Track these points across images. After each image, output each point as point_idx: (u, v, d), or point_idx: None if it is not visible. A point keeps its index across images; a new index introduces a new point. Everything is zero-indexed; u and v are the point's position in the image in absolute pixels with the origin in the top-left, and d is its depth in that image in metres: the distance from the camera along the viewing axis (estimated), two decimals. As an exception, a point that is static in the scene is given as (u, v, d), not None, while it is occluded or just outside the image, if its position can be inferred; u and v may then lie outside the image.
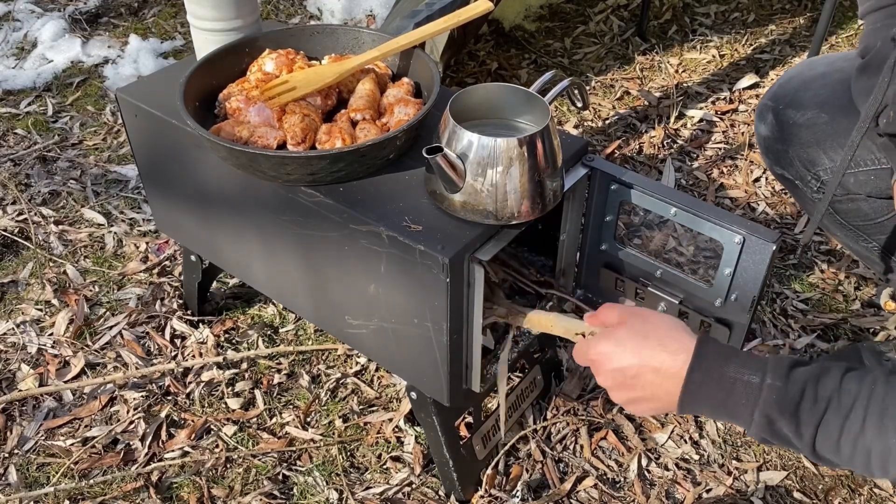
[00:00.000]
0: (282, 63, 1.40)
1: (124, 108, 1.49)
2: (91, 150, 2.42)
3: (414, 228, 1.15)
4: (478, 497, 1.50)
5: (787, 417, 0.92)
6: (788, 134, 1.44)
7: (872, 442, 0.89)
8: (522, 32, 2.97)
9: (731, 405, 0.94)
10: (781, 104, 1.46)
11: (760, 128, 1.52)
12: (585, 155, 1.30)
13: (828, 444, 0.91)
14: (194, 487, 1.53)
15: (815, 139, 1.40)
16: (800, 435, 0.92)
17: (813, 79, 1.47)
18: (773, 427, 0.93)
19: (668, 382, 0.97)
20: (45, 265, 2.01)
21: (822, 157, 1.39)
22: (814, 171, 1.41)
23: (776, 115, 1.47)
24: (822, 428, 0.91)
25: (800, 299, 1.89)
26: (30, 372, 1.74)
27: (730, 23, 3.05)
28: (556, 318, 1.22)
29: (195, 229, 1.58)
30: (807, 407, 0.91)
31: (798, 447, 0.94)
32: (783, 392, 0.92)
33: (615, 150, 2.39)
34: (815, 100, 1.42)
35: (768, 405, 0.92)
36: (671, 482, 1.54)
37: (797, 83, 1.48)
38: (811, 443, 0.92)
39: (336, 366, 1.76)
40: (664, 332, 0.99)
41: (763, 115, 1.51)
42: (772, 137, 1.48)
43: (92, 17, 3.11)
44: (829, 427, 0.90)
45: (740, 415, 0.94)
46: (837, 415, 0.90)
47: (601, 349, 1.02)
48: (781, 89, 1.50)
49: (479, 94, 1.20)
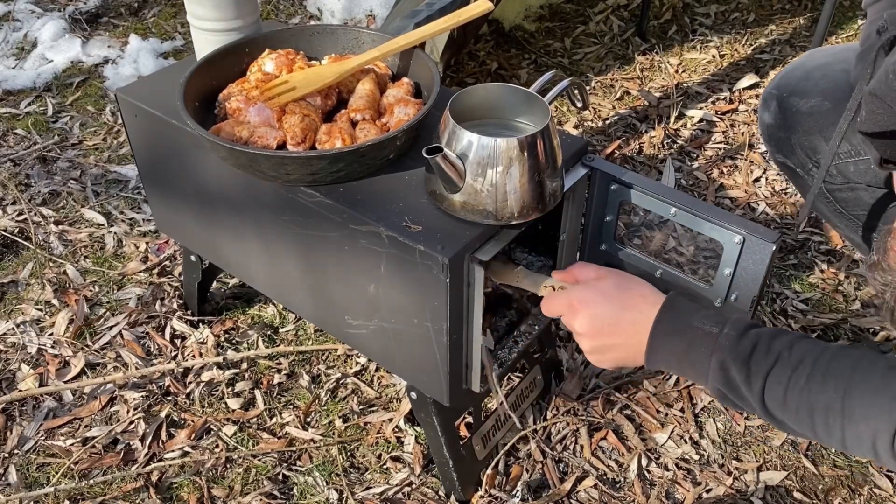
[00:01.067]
0: (282, 63, 1.40)
1: (124, 108, 1.49)
2: (91, 150, 2.42)
3: (414, 228, 1.15)
4: (478, 497, 1.50)
5: (739, 365, 0.96)
6: (791, 122, 1.44)
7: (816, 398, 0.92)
8: (522, 32, 2.97)
9: (692, 354, 0.99)
10: (785, 92, 1.47)
11: (764, 115, 1.52)
12: (585, 155, 1.30)
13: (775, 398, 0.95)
14: (194, 487, 1.53)
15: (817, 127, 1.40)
16: (749, 385, 0.96)
17: (817, 68, 1.47)
18: (726, 375, 0.97)
19: (642, 333, 1.03)
20: (45, 265, 2.01)
21: (824, 145, 1.39)
22: (815, 159, 1.41)
23: (780, 102, 1.47)
24: (770, 379, 0.94)
25: (800, 299, 1.89)
26: (30, 372, 1.74)
27: (730, 23, 3.05)
28: (524, 272, 1.24)
29: (195, 229, 1.58)
30: (758, 358, 0.96)
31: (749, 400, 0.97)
32: (737, 342, 0.97)
33: (615, 150, 2.39)
34: (819, 88, 1.42)
35: (723, 352, 0.97)
36: (671, 482, 1.54)
37: (801, 72, 1.48)
38: (760, 395, 0.95)
39: (336, 366, 1.76)
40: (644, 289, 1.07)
41: (767, 103, 1.51)
42: (775, 125, 1.48)
43: (92, 17, 3.11)
44: (777, 379, 0.94)
45: (699, 364, 0.99)
46: (785, 367, 0.94)
47: (584, 296, 1.08)
48: (785, 78, 1.50)
49: (479, 94, 1.20)
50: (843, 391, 0.91)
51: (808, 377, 0.93)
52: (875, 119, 1.06)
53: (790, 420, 0.96)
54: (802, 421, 0.94)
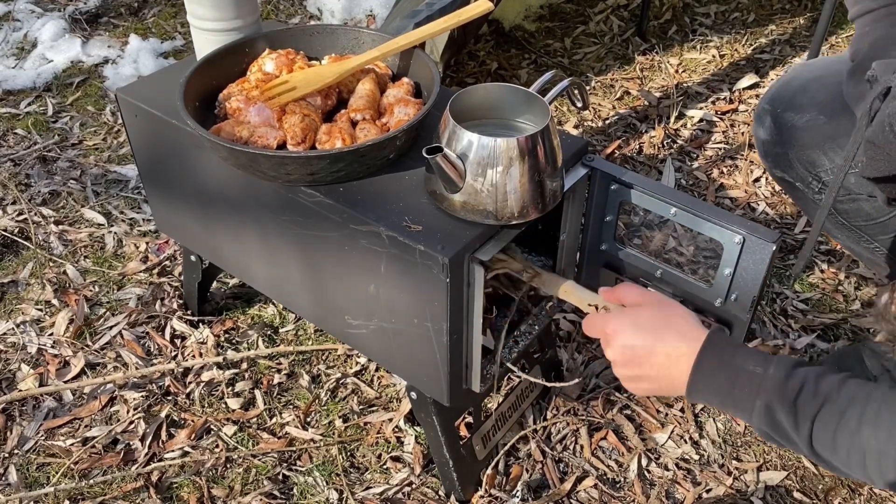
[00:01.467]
0: (282, 63, 1.40)
1: (124, 108, 1.49)
2: (91, 150, 2.42)
3: (414, 228, 1.15)
4: (478, 497, 1.50)
5: (787, 408, 0.94)
6: (788, 137, 1.44)
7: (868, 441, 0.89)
8: (522, 32, 2.97)
9: (736, 393, 0.97)
10: (779, 107, 1.46)
11: (759, 131, 1.52)
12: (585, 155, 1.30)
13: (824, 440, 0.92)
14: (194, 487, 1.53)
15: (814, 141, 1.40)
16: (797, 427, 0.93)
17: (810, 81, 1.47)
18: (772, 417, 0.95)
19: (677, 367, 1.01)
20: (45, 265, 2.01)
21: (823, 158, 1.39)
22: (814, 173, 1.41)
23: (774, 118, 1.47)
24: (818, 422, 0.92)
25: (800, 299, 1.89)
26: (30, 372, 1.74)
27: (730, 23, 3.05)
28: (573, 286, 1.22)
29: (195, 229, 1.58)
30: (805, 399, 0.93)
31: (797, 443, 0.95)
32: (784, 383, 0.94)
33: (615, 150, 2.39)
34: (813, 102, 1.42)
35: (769, 394, 0.94)
36: (671, 482, 1.54)
37: (794, 86, 1.48)
38: (808, 437, 0.93)
39: (336, 366, 1.76)
40: (682, 321, 1.03)
41: (761, 119, 1.51)
42: (770, 141, 1.48)
43: (92, 17, 3.11)
44: (826, 422, 0.92)
45: (743, 404, 0.97)
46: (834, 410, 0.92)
47: (618, 325, 1.05)
48: (778, 93, 1.50)
49: (479, 94, 1.20)
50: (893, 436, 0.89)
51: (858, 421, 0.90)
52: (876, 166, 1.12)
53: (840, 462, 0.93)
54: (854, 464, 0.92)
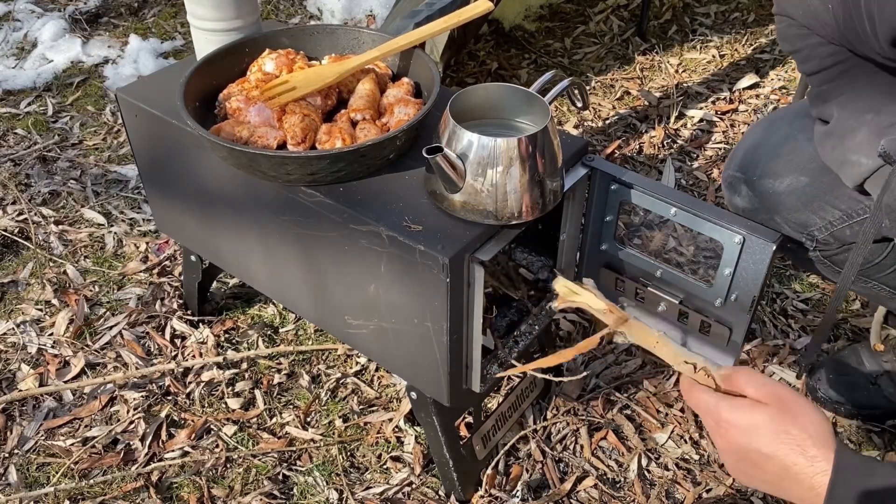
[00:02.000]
0: (282, 63, 1.40)
1: (124, 108, 1.49)
2: (91, 150, 2.42)
3: (414, 228, 1.15)
4: (478, 497, 1.50)
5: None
6: (772, 203, 1.41)
7: None
8: (522, 32, 2.97)
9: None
10: (754, 175, 1.43)
11: (735, 200, 1.47)
12: (585, 155, 1.30)
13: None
14: (194, 487, 1.53)
15: (801, 203, 1.37)
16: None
17: (778, 144, 1.43)
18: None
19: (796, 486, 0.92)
20: (45, 265, 2.01)
21: (813, 217, 1.37)
22: (807, 232, 1.39)
23: (751, 186, 1.43)
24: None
25: (800, 299, 1.89)
26: (30, 372, 1.74)
27: (730, 23, 3.05)
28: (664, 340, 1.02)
29: (195, 229, 1.58)
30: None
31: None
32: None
33: (615, 150, 2.39)
34: (790, 165, 1.39)
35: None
36: (671, 482, 1.54)
37: (764, 151, 1.44)
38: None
39: (336, 366, 1.76)
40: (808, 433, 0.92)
41: (734, 188, 1.47)
42: (752, 209, 1.45)
43: (92, 17, 3.11)
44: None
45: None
46: None
47: (735, 419, 0.95)
48: (747, 159, 1.45)
49: (479, 94, 1.20)
50: None
51: None
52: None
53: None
54: None
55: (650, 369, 1.75)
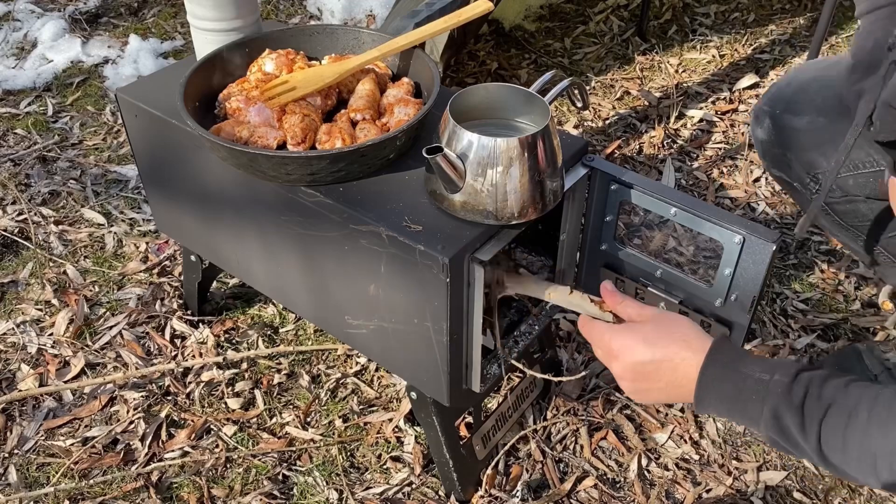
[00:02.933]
0: (282, 63, 1.40)
1: (124, 108, 1.49)
2: (91, 150, 2.42)
3: (414, 228, 1.15)
4: (478, 497, 1.50)
5: (793, 412, 0.93)
6: (787, 138, 1.44)
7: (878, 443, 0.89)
8: (522, 32, 2.97)
9: (743, 400, 0.97)
10: (778, 109, 1.46)
11: (757, 131, 1.52)
12: (585, 155, 1.30)
13: (834, 444, 0.92)
14: (194, 487, 1.53)
15: (813, 143, 1.40)
16: (804, 433, 0.93)
17: (809, 83, 1.46)
18: (780, 423, 0.95)
19: (684, 376, 1.01)
20: (45, 265, 2.01)
21: (821, 160, 1.39)
22: (813, 174, 1.41)
23: (773, 119, 1.47)
24: (825, 425, 0.92)
25: (800, 299, 1.89)
26: (30, 372, 1.74)
27: (730, 23, 3.05)
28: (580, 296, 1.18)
29: (195, 229, 1.58)
30: (811, 403, 0.93)
31: (805, 449, 0.94)
32: (789, 388, 0.94)
33: (615, 150, 2.39)
34: (813, 104, 1.42)
35: (776, 399, 0.95)
36: (671, 482, 1.54)
37: (794, 88, 1.48)
38: (817, 442, 0.93)
39: (336, 366, 1.76)
40: (686, 331, 1.03)
41: (759, 120, 1.51)
42: (769, 141, 1.49)
43: (92, 17, 3.11)
44: (834, 425, 0.91)
45: (751, 411, 0.97)
46: (842, 413, 0.91)
47: (623, 342, 1.04)
48: (777, 94, 1.50)
49: (479, 94, 1.20)
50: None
51: (867, 422, 0.90)
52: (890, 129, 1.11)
53: (851, 468, 0.92)
54: (864, 468, 0.91)
55: (650, 369, 1.74)
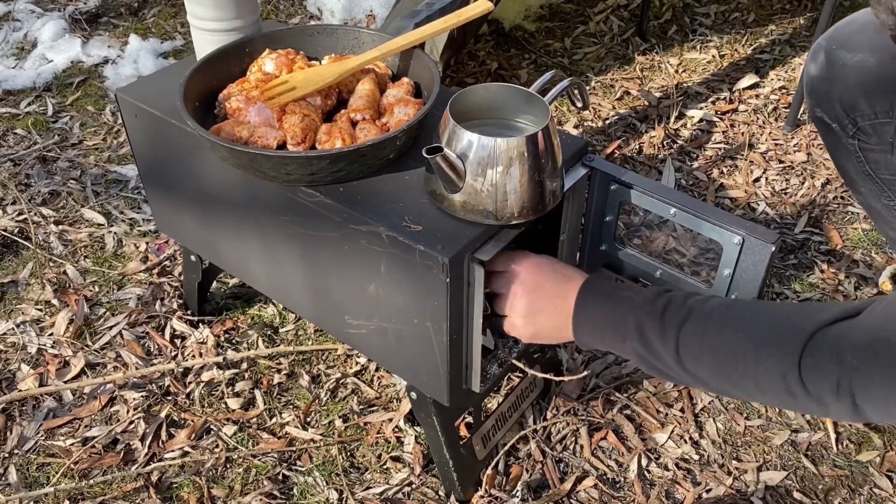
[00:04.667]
0: (282, 63, 1.40)
1: (124, 108, 1.49)
2: (91, 150, 2.42)
3: (414, 228, 1.15)
4: (478, 497, 1.50)
5: (655, 320, 1.02)
6: (835, 74, 1.42)
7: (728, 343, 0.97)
8: (522, 32, 2.97)
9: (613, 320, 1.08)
10: (834, 45, 1.44)
11: (810, 67, 1.50)
12: (585, 155, 1.30)
13: (690, 350, 0.99)
14: (194, 487, 1.53)
15: (859, 82, 1.37)
16: (664, 339, 1.01)
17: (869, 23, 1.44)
18: (643, 334, 1.03)
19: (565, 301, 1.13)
20: (45, 265, 2.01)
21: (863, 102, 1.37)
22: (852, 116, 1.39)
23: (828, 55, 1.45)
24: (683, 332, 1.00)
25: (800, 299, 1.89)
26: (30, 372, 1.74)
27: (730, 23, 3.05)
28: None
29: (195, 229, 1.58)
30: (671, 313, 1.02)
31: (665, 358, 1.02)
32: (654, 301, 1.05)
33: (615, 150, 2.39)
34: (868, 43, 1.40)
35: (640, 311, 1.04)
36: (671, 482, 1.54)
37: (854, 26, 1.46)
38: (675, 348, 1.00)
39: (336, 366, 1.76)
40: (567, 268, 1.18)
41: (815, 55, 1.49)
42: (818, 77, 1.47)
43: (92, 17, 3.11)
44: (691, 331, 0.99)
45: (620, 329, 1.06)
46: (698, 319, 1.00)
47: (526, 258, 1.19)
48: (837, 31, 1.48)
49: (479, 94, 1.20)
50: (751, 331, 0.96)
51: (720, 325, 0.97)
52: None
53: (705, 373, 0.99)
54: (717, 371, 0.98)
55: (650, 369, 1.75)
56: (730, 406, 1.68)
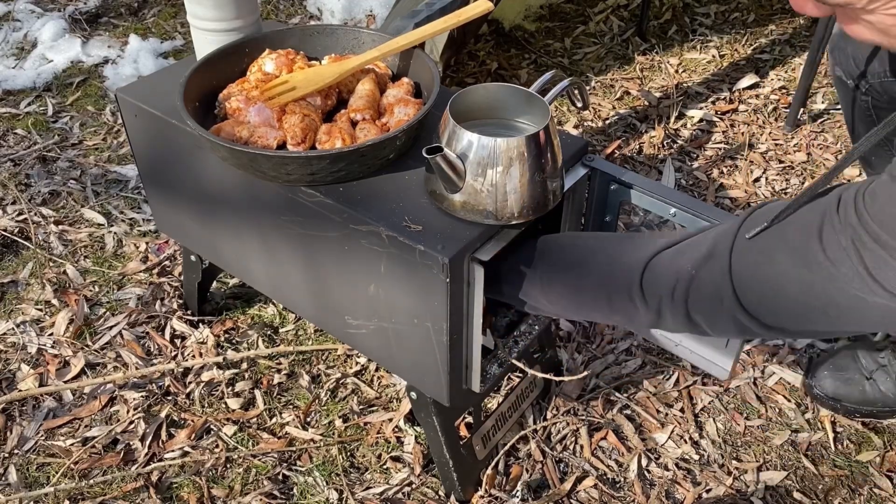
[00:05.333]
0: (282, 63, 1.40)
1: (124, 108, 1.49)
2: (91, 150, 2.42)
3: (414, 228, 1.15)
4: (478, 497, 1.50)
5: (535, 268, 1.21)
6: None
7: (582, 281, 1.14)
8: (522, 32, 2.97)
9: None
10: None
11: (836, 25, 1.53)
12: (585, 155, 1.30)
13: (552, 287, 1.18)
14: (194, 487, 1.53)
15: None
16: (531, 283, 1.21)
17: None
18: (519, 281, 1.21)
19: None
20: (45, 265, 2.01)
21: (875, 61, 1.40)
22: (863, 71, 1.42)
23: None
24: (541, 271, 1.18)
25: (800, 299, 1.89)
26: (30, 372, 1.74)
27: (730, 23, 3.05)
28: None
29: (195, 229, 1.58)
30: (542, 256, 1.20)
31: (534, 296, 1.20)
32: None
33: (615, 150, 2.39)
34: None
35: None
36: (671, 482, 1.54)
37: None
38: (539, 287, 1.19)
39: (336, 366, 1.76)
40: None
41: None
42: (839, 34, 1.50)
43: (92, 17, 3.11)
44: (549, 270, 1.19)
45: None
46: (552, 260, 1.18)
47: None
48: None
49: (479, 94, 1.20)
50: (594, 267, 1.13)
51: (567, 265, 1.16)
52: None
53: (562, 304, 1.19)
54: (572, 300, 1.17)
55: (650, 369, 1.75)
56: (730, 406, 1.68)
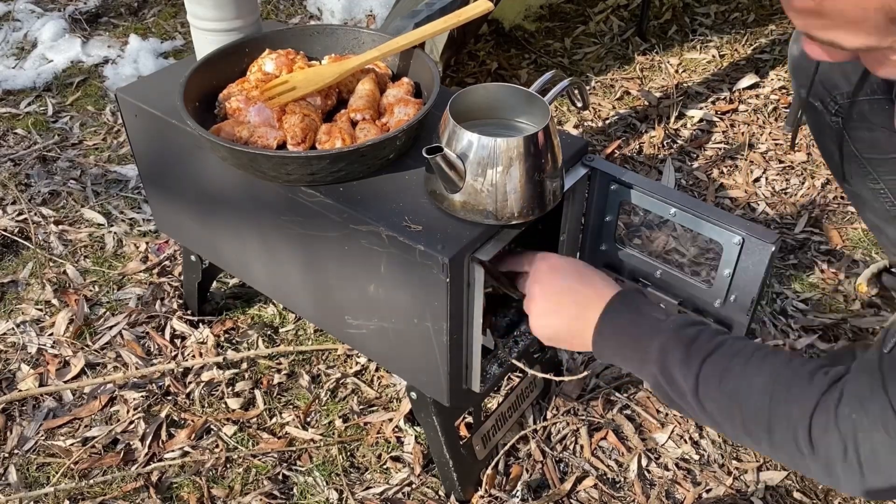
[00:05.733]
0: (282, 63, 1.40)
1: (124, 108, 1.49)
2: (91, 150, 2.42)
3: (414, 228, 1.15)
4: (478, 497, 1.50)
5: (681, 349, 0.98)
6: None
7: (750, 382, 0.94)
8: (522, 32, 2.97)
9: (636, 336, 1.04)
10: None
11: (793, 48, 1.52)
12: (585, 155, 1.30)
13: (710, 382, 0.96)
14: (194, 487, 1.53)
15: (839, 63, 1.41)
16: (687, 367, 0.97)
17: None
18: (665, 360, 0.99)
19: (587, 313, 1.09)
20: (45, 265, 2.01)
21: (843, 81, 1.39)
22: (833, 95, 1.40)
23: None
24: (707, 364, 0.97)
25: (800, 299, 1.89)
26: (30, 372, 1.74)
27: (730, 23, 3.05)
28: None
29: (195, 229, 1.58)
30: (700, 344, 0.98)
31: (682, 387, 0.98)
32: (683, 328, 1.01)
33: (615, 150, 2.39)
34: None
35: (667, 336, 1.00)
36: (671, 482, 1.54)
37: None
38: (695, 379, 0.97)
39: (336, 366, 1.76)
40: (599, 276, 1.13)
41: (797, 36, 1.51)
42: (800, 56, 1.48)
43: (92, 17, 3.11)
44: (715, 363, 0.96)
45: (642, 346, 1.02)
46: (724, 354, 0.97)
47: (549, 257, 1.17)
48: None
49: (479, 94, 1.20)
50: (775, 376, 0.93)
51: (744, 364, 0.95)
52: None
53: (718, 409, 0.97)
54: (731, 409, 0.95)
55: (650, 369, 1.75)
56: (730, 406, 1.68)
